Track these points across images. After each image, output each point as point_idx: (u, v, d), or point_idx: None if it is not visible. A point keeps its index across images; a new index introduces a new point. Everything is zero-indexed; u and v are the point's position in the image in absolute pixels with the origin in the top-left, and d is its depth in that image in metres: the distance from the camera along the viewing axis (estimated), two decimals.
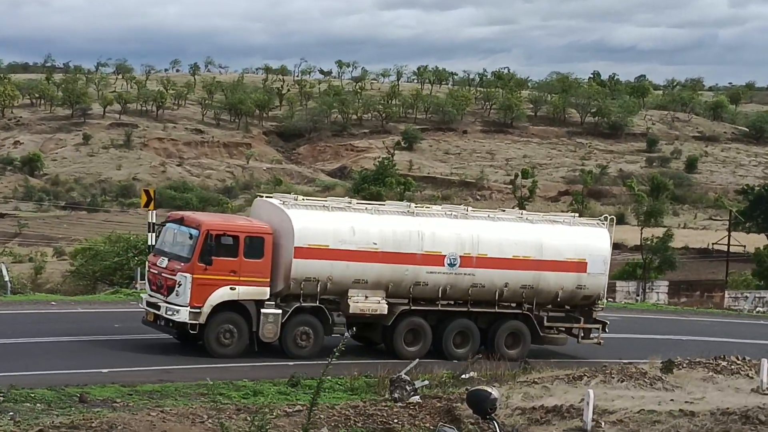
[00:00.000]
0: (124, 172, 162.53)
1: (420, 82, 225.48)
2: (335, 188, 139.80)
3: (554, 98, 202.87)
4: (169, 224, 33.34)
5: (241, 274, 31.68)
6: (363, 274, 32.82)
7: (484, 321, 34.78)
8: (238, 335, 31.88)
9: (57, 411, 23.16)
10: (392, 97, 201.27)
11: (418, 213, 34.39)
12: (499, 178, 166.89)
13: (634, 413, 22.20)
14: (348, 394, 27.16)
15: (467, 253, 33.89)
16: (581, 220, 37.67)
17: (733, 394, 24.52)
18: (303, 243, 32.04)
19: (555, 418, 22.34)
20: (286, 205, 32.82)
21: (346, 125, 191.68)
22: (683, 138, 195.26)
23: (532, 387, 25.47)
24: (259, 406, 23.86)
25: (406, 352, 33.17)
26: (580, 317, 35.85)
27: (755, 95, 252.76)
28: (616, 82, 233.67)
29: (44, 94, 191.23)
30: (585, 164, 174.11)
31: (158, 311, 31.91)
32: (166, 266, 32.08)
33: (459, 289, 34.11)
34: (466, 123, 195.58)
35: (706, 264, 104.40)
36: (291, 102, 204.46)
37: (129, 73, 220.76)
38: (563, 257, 35.04)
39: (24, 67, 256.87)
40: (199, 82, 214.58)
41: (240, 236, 31.83)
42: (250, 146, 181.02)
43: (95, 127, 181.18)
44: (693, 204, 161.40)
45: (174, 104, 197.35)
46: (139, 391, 26.23)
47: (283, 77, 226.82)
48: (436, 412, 23.57)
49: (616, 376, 26.41)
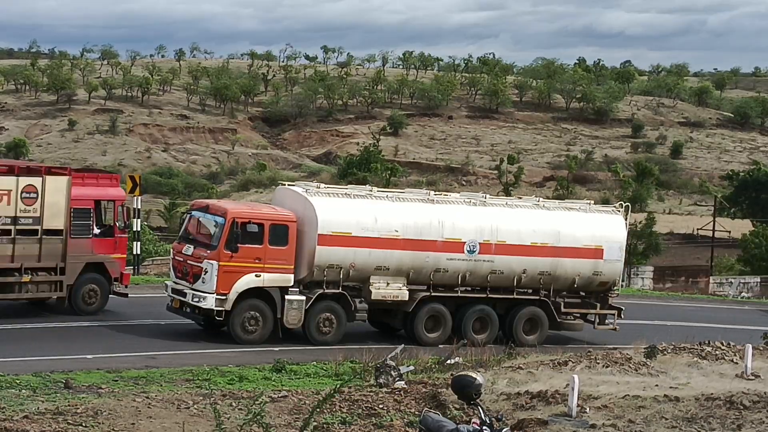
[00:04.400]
0: (110, 158, 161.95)
1: (405, 68, 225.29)
2: (321, 174, 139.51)
3: (539, 84, 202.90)
4: (194, 212, 33.73)
5: (266, 261, 32.24)
6: (385, 261, 33.38)
7: (503, 307, 35.33)
8: (263, 322, 32.43)
9: (42, 397, 23.14)
10: (378, 83, 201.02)
11: (438, 201, 34.98)
12: (485, 163, 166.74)
13: (618, 398, 22.25)
14: (333, 380, 27.18)
15: (486, 240, 34.42)
16: (597, 207, 38.14)
17: (718, 380, 24.59)
18: (326, 230, 32.57)
19: (540, 403, 22.38)
20: (310, 193, 33.34)
21: (332, 111, 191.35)
22: (668, 124, 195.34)
23: (517, 372, 25.50)
24: (248, 392, 23.86)
25: (427, 338, 34.03)
26: (596, 303, 36.26)
27: (740, 81, 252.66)
28: (602, 68, 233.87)
29: (29, 80, 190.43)
30: (570, 150, 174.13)
31: (184, 298, 32.34)
32: (191, 254, 32.47)
33: (478, 276, 34.63)
34: (451, 108, 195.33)
35: (691, 249, 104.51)
36: (276, 88, 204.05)
37: (114, 59, 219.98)
38: (580, 244, 35.53)
39: (9, 53, 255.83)
40: (184, 67, 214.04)
41: (265, 224, 32.31)
42: (236, 132, 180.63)
43: (80, 112, 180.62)
44: (678, 189, 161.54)
45: (159, 90, 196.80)
46: (124, 377, 26.26)
47: (268, 63, 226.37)
48: (422, 398, 23.58)
49: (601, 362, 26.47)
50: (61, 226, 33.71)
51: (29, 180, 33.24)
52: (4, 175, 33.10)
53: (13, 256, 32.97)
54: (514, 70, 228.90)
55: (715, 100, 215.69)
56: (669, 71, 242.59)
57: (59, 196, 33.56)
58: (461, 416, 21.38)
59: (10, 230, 32.83)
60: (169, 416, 21.30)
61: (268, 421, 19.18)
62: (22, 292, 33.60)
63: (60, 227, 33.68)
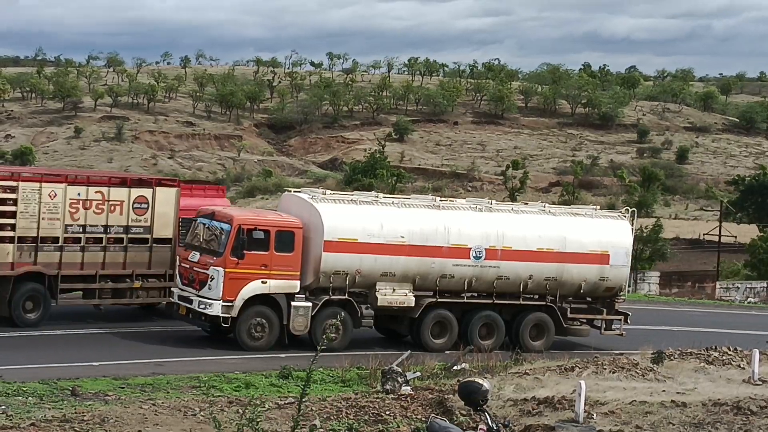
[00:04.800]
0: (116, 165, 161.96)
1: (411, 74, 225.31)
2: (327, 180, 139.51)
3: (545, 89, 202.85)
4: (200, 219, 33.71)
5: (272, 267, 32.28)
6: (391, 267, 33.39)
7: (509, 313, 35.33)
8: (269, 328, 32.48)
9: (49, 404, 23.16)
10: (383, 89, 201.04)
11: (443, 206, 35.01)
12: (490, 169, 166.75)
13: (625, 404, 22.24)
14: (340, 386, 27.19)
15: (492, 245, 34.42)
16: (603, 212, 38.05)
17: (725, 385, 24.58)
18: (332, 237, 32.61)
19: (547, 409, 22.37)
20: (315, 200, 33.42)
21: (337, 117, 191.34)
22: (674, 129, 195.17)
23: (523, 378, 25.51)
24: (250, 398, 23.86)
25: (434, 344, 34.05)
26: (602, 309, 36.23)
27: (746, 86, 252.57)
28: (607, 73, 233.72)
29: (35, 88, 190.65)
30: (576, 155, 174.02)
31: (191, 305, 32.37)
32: (197, 260, 32.50)
33: (484, 282, 34.63)
34: (456, 114, 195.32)
35: (697, 254, 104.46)
36: (282, 94, 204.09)
37: (120, 67, 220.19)
38: (586, 249, 35.52)
39: (15, 61, 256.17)
40: (190, 74, 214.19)
41: (271, 230, 32.38)
42: (241, 138, 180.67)
43: (86, 120, 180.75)
44: (684, 195, 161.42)
45: (165, 97, 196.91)
46: (131, 384, 26.25)
47: (274, 69, 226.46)
48: (428, 404, 23.59)
49: (608, 368, 26.46)
50: (170, 235, 35.22)
51: (140, 191, 34.82)
52: (117, 187, 34.73)
53: (125, 263, 34.56)
54: (519, 76, 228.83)
55: (720, 105, 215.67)
56: (674, 76, 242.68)
57: (168, 207, 35.17)
58: (468, 422, 21.37)
59: (122, 239, 34.50)
60: (176, 423, 21.32)
61: (267, 426, 19.19)
62: (134, 297, 35.11)
63: (169, 236, 35.19)
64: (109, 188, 34.45)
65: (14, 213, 32.54)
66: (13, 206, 32.53)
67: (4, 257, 32.52)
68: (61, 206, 33.29)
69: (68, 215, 33.42)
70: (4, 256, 32.51)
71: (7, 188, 32.68)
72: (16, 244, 32.62)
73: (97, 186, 34.34)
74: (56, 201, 33.21)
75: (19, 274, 32.85)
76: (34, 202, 32.75)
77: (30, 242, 32.84)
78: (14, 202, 32.53)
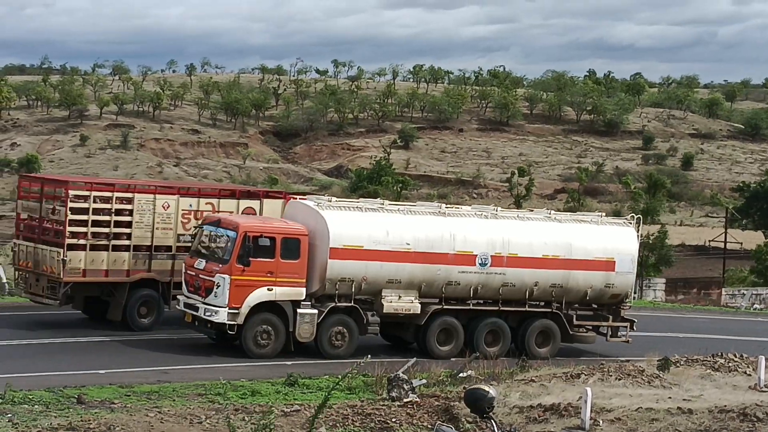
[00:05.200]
0: (122, 173, 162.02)
1: (416, 81, 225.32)
2: (332, 187, 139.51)
3: (550, 96, 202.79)
4: (206, 226, 33.73)
5: (277, 275, 32.31)
6: (396, 274, 33.41)
7: (515, 320, 35.35)
8: (275, 336, 32.53)
9: (55, 412, 23.17)
10: (388, 96, 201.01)
11: (449, 213, 35.04)
12: (496, 176, 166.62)
13: (632, 411, 22.24)
14: (346, 394, 27.18)
15: (498, 252, 34.43)
16: (608, 219, 38.06)
17: (731, 392, 24.57)
18: (338, 244, 32.64)
19: (553, 416, 22.37)
20: (321, 207, 33.42)
21: (343, 124, 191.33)
22: (679, 135, 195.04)
23: (529, 385, 25.51)
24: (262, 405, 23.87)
25: (440, 352, 34.06)
26: (608, 316, 36.21)
27: (751, 92, 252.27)
28: (612, 80, 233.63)
29: (41, 96, 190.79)
30: (581, 162, 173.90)
31: (196, 312, 32.35)
32: (203, 268, 32.52)
33: (490, 289, 34.64)
34: (462, 121, 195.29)
35: (702, 261, 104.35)
36: (287, 101, 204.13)
37: (126, 75, 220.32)
38: (592, 256, 35.53)
39: (20, 69, 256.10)
40: (195, 82, 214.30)
41: (277, 238, 32.41)
42: (247, 146, 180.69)
43: (92, 128, 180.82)
44: (689, 201, 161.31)
45: (170, 105, 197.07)
46: (137, 392, 26.26)
47: (279, 77, 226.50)
48: (434, 411, 23.59)
49: (614, 374, 26.47)
50: None
51: (249, 203, 36.53)
52: (227, 198, 36.53)
53: None
54: (524, 83, 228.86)
55: (725, 112, 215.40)
56: (679, 83, 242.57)
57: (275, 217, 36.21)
58: (474, 429, 21.40)
59: None
60: (182, 431, 21.33)
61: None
62: None
63: None
64: (219, 200, 36.21)
65: (130, 223, 34.62)
66: (129, 217, 34.61)
67: (120, 265, 34.59)
68: (174, 217, 35.15)
69: (180, 225, 35.18)
70: (121, 263, 34.59)
71: (124, 200, 34.80)
72: (132, 253, 34.69)
73: (207, 198, 36.20)
74: (169, 212, 35.10)
75: (134, 281, 34.88)
76: (148, 213, 34.75)
77: (144, 251, 34.89)
78: (130, 213, 34.64)
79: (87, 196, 34.35)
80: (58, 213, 34.49)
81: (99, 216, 34.24)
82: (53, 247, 34.21)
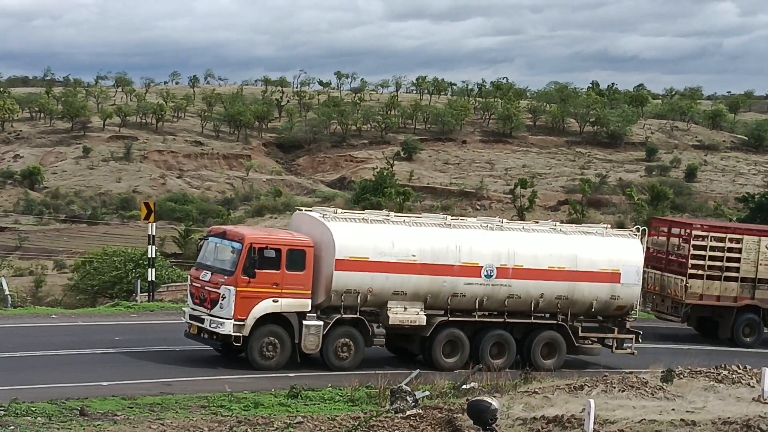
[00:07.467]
0: (124, 185, 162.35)
1: (419, 93, 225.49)
2: (335, 199, 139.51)
3: (553, 108, 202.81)
4: (211, 238, 33.78)
5: (283, 286, 32.28)
6: (402, 286, 33.35)
7: (520, 332, 35.28)
8: (281, 347, 32.46)
9: (58, 424, 23.16)
10: (391, 108, 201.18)
11: (454, 225, 34.93)
12: (499, 187, 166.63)
13: (635, 423, 22.19)
14: (349, 405, 27.16)
15: (503, 264, 34.36)
16: (614, 231, 37.91)
17: (735, 404, 24.51)
18: (344, 255, 32.56)
19: (556, 428, 22.32)
20: (327, 218, 33.37)
21: (346, 136, 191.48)
22: (682, 147, 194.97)
23: (532, 397, 25.46)
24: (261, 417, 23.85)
25: (445, 363, 34.00)
26: (613, 327, 36.17)
27: (754, 104, 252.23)
28: (615, 92, 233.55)
29: (44, 108, 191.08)
30: (584, 173, 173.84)
31: (202, 324, 32.34)
32: (209, 280, 32.50)
33: (495, 300, 34.58)
34: (465, 133, 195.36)
35: None
36: (290, 113, 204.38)
37: (129, 86, 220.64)
38: (597, 268, 35.44)
39: (24, 81, 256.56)
40: (198, 94, 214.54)
41: (282, 249, 32.36)
42: (250, 158, 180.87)
43: (95, 140, 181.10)
44: (693, 213, 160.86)
45: (173, 116, 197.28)
46: (139, 404, 26.25)
47: (282, 89, 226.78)
48: (437, 423, 23.55)
49: (617, 386, 26.42)
50: None
51: None
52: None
53: None
54: (527, 95, 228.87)
55: (729, 123, 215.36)
56: (682, 94, 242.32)
57: None
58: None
59: None
60: None
61: None
62: None
63: None
64: None
65: (739, 259, 43.33)
66: (738, 254, 43.33)
67: (729, 292, 43.42)
68: None
69: None
70: (730, 291, 43.42)
71: (734, 240, 43.59)
72: (739, 283, 43.37)
73: None
74: None
75: (740, 306, 43.40)
76: (754, 252, 43.38)
77: (749, 282, 43.48)
78: (739, 251, 43.33)
79: (706, 236, 43.57)
80: (682, 248, 43.68)
81: (714, 252, 43.18)
82: (677, 275, 43.25)
